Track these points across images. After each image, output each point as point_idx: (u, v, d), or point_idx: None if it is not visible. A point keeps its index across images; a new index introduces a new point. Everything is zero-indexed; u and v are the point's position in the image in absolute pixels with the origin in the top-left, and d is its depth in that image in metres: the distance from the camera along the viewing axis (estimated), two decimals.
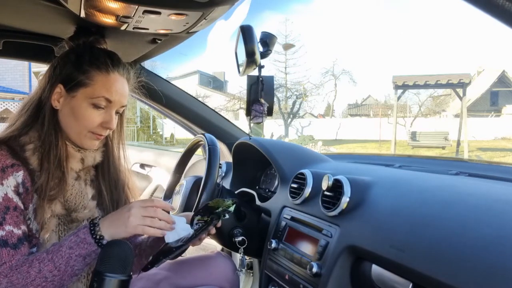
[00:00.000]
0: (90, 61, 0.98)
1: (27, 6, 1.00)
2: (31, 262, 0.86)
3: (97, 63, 0.98)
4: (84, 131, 0.98)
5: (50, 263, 0.86)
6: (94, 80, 0.97)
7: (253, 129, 1.08)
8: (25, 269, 0.85)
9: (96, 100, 0.97)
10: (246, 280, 1.65)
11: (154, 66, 17.31)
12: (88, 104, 0.97)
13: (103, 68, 0.98)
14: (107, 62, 0.99)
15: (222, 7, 0.89)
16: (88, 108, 0.97)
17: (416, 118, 19.14)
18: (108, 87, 0.98)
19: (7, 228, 0.87)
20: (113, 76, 0.99)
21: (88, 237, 0.87)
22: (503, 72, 21.21)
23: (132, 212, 0.89)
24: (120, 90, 1.00)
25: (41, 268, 0.85)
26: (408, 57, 40.87)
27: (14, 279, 0.84)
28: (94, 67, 0.98)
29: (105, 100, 0.98)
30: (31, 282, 0.84)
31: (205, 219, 0.98)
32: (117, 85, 0.99)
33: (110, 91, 0.98)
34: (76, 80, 0.97)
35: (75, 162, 1.01)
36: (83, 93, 0.97)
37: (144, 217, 0.89)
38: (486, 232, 0.67)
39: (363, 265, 0.87)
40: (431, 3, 39.35)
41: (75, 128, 0.98)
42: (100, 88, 0.97)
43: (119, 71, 1.01)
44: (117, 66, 1.01)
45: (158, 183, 2.18)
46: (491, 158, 11.67)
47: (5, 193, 0.88)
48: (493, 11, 0.43)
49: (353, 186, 0.96)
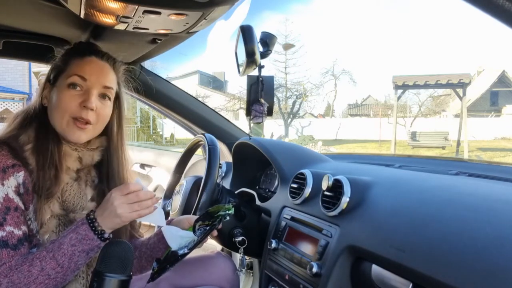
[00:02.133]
0: (70, 53, 1.04)
1: (27, 6, 1.01)
2: (32, 261, 0.86)
3: (74, 51, 1.04)
4: (66, 118, 0.97)
5: (53, 261, 0.86)
6: (69, 64, 1.01)
7: (253, 129, 1.09)
8: (26, 268, 0.85)
9: (71, 79, 0.98)
10: (246, 280, 1.65)
11: (154, 66, 17.29)
12: (65, 86, 0.99)
13: (79, 54, 1.02)
14: (85, 49, 1.04)
15: (222, 7, 0.89)
16: (65, 90, 0.98)
17: (416, 118, 19.15)
18: (81, 66, 1.00)
19: (7, 229, 0.88)
20: (88, 59, 1.02)
21: (90, 233, 0.88)
22: (503, 72, 21.21)
23: (116, 204, 0.89)
24: (97, 71, 1.01)
25: (43, 266, 0.85)
26: (408, 57, 40.93)
27: (15, 278, 0.84)
28: (72, 54, 1.03)
29: (78, 78, 0.98)
30: (34, 280, 0.85)
31: (207, 223, 0.99)
32: (92, 65, 1.01)
33: (83, 69, 0.99)
34: (57, 71, 1.02)
35: (72, 161, 1.01)
36: (61, 79, 1.00)
37: (131, 205, 0.90)
38: (486, 232, 0.67)
39: (363, 265, 0.87)
40: (431, 3, 39.37)
41: (58, 118, 0.98)
42: (74, 68, 1.00)
43: (97, 56, 1.03)
44: (95, 53, 1.04)
45: (158, 183, 2.18)
46: (491, 158, 11.67)
47: (6, 194, 0.89)
48: (493, 11, 0.43)
49: (353, 186, 0.96)
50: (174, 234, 1.00)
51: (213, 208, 1.02)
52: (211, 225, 0.97)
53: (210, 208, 1.03)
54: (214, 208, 1.02)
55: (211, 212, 1.01)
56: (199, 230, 0.98)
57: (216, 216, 0.99)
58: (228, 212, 0.99)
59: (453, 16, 43.23)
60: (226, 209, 1.00)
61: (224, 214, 0.99)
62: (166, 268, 0.93)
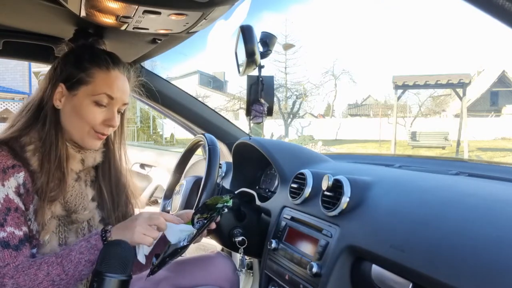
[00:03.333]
0: (90, 59, 0.98)
1: (27, 6, 1.00)
2: (40, 265, 0.86)
3: (97, 61, 0.98)
4: (87, 129, 0.98)
5: (59, 267, 0.86)
6: (94, 77, 0.97)
7: (253, 129, 1.08)
8: (33, 271, 0.85)
9: (98, 97, 0.97)
10: (246, 280, 1.65)
11: (154, 66, 17.33)
12: (90, 101, 0.97)
13: (104, 66, 0.98)
14: (107, 60, 1.00)
15: (222, 7, 0.89)
16: (90, 105, 0.97)
17: (416, 118, 19.14)
18: (109, 84, 0.98)
19: (8, 230, 0.87)
20: (113, 73, 0.99)
21: (100, 243, 0.89)
22: (503, 72, 21.20)
23: (138, 222, 0.91)
24: (122, 88, 1.00)
25: (49, 271, 0.86)
26: (408, 57, 40.93)
27: (21, 281, 0.84)
28: (95, 64, 0.98)
29: (106, 97, 0.98)
30: (38, 284, 0.85)
31: (205, 216, 0.99)
32: (118, 82, 1.00)
33: (111, 87, 0.98)
34: (76, 78, 0.97)
35: (75, 163, 1.01)
36: (84, 91, 0.97)
37: (149, 226, 0.92)
38: (486, 232, 0.67)
39: (363, 265, 0.87)
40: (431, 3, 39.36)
41: (78, 127, 0.98)
42: (101, 85, 0.97)
43: (119, 69, 1.01)
44: (117, 64, 1.01)
45: (158, 183, 2.18)
46: (491, 158, 11.67)
47: (6, 194, 0.88)
48: (493, 11, 0.43)
49: (353, 186, 0.96)
50: (173, 229, 1.00)
51: (211, 200, 1.02)
52: (210, 217, 0.97)
53: (208, 200, 1.02)
54: (212, 200, 1.01)
55: (209, 205, 1.00)
56: (197, 223, 0.98)
57: (214, 209, 0.99)
58: (227, 205, 0.99)
59: (453, 16, 43.25)
60: (224, 201, 1.00)
61: (222, 207, 0.99)
62: (166, 261, 0.93)
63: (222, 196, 1.02)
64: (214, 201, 1.01)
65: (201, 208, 1.01)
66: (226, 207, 0.99)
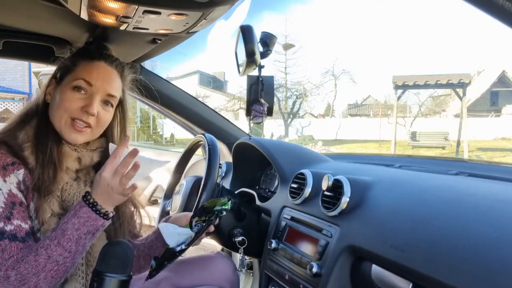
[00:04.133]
0: (79, 53, 1.05)
1: (27, 6, 1.01)
2: (36, 251, 0.86)
3: (83, 53, 1.04)
4: (65, 116, 0.98)
5: (59, 248, 0.86)
6: (77, 65, 1.01)
7: (253, 129, 1.09)
8: (32, 258, 0.85)
9: (76, 82, 0.99)
10: (246, 280, 1.65)
11: (154, 66, 17.32)
12: (69, 87, 0.99)
13: (88, 56, 1.03)
14: (95, 52, 1.04)
15: (222, 7, 0.89)
16: (69, 91, 0.99)
17: (416, 118, 19.14)
18: (89, 70, 1.00)
19: (15, 223, 0.88)
20: (97, 63, 1.02)
21: (92, 214, 0.89)
22: (503, 72, 21.20)
23: (112, 185, 0.89)
24: (104, 77, 1.01)
25: (49, 254, 0.86)
26: (408, 57, 40.93)
27: (23, 269, 0.85)
28: (79, 55, 1.04)
29: (84, 82, 0.99)
30: (42, 268, 0.85)
31: (203, 219, 0.99)
32: (99, 71, 1.01)
33: (90, 74, 1.00)
34: (64, 69, 1.02)
35: (71, 161, 1.01)
36: (67, 79, 1.00)
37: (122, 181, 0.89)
38: (486, 232, 0.67)
39: (363, 265, 0.87)
40: (431, 3, 39.36)
41: (57, 114, 0.98)
42: (81, 71, 1.00)
43: (106, 61, 1.03)
44: (105, 58, 1.04)
45: (158, 183, 2.18)
46: (491, 158, 11.68)
47: (10, 189, 0.90)
48: (493, 11, 0.43)
49: (353, 186, 0.96)
50: (171, 232, 1.00)
51: (209, 202, 1.02)
52: (208, 220, 0.97)
53: (205, 203, 1.02)
54: (210, 202, 1.01)
55: (207, 207, 1.00)
56: (196, 227, 0.98)
57: (212, 212, 0.99)
58: (225, 207, 0.99)
59: (453, 16, 43.25)
60: (222, 203, 1.00)
61: (221, 209, 0.98)
62: (164, 264, 0.93)
63: (220, 199, 1.02)
64: (212, 203, 1.01)
65: (199, 211, 1.02)
66: (224, 210, 0.99)
